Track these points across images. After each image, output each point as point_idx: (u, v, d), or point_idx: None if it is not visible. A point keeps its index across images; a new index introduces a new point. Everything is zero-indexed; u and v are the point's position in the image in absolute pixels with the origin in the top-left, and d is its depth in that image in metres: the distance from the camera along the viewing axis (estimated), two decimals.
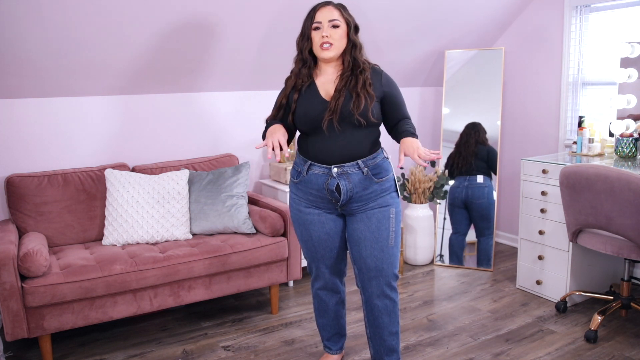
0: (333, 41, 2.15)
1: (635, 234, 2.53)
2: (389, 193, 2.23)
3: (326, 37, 2.14)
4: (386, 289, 2.26)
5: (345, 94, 2.13)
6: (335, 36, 2.15)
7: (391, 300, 2.27)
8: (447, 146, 3.99)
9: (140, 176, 3.02)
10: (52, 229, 2.89)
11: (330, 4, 2.19)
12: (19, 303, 2.39)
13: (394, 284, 2.27)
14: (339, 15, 2.17)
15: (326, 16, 2.15)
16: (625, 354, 2.63)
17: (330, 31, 2.15)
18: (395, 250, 2.24)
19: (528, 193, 3.28)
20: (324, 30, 2.14)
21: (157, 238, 2.93)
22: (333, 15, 2.15)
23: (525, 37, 3.98)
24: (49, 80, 2.91)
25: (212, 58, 3.20)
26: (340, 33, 2.16)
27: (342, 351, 2.59)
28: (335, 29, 2.15)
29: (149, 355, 2.68)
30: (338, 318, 2.50)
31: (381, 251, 2.22)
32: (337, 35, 2.15)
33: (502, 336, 2.83)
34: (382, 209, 2.21)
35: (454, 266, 3.87)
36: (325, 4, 2.19)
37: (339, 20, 2.16)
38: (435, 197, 3.83)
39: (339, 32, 2.16)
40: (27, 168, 3.02)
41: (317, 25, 2.16)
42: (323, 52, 2.16)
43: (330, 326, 2.51)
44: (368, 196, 2.20)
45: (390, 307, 2.28)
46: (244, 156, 3.66)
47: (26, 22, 2.51)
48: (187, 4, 2.77)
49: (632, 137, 3.10)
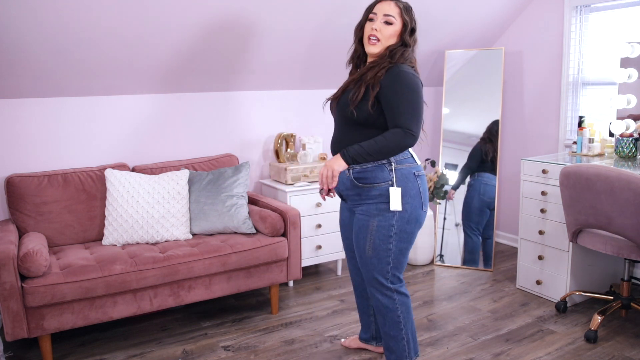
0: (381, 37, 2.11)
1: (635, 234, 2.53)
2: (377, 203, 2.14)
3: (375, 31, 2.11)
4: (372, 290, 2.26)
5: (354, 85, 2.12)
6: (385, 33, 2.11)
7: (380, 302, 2.25)
8: (447, 146, 3.99)
9: (140, 176, 3.02)
10: (52, 229, 2.89)
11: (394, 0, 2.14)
12: (19, 303, 2.39)
13: (379, 287, 2.23)
14: (398, 13, 2.12)
15: (383, 10, 2.12)
16: (625, 354, 2.63)
17: (381, 26, 2.11)
18: (374, 261, 2.18)
19: (528, 193, 3.28)
20: (376, 24, 2.11)
21: (157, 238, 2.93)
22: (390, 11, 2.11)
23: (525, 37, 3.98)
24: (49, 80, 2.91)
25: (213, 58, 3.20)
26: (391, 31, 2.11)
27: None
28: (387, 25, 2.11)
29: (149, 355, 2.68)
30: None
31: (360, 257, 2.24)
32: (387, 33, 2.11)
33: (502, 336, 2.83)
34: (364, 217, 2.17)
35: (454, 266, 3.87)
36: None
37: (395, 18, 2.11)
38: (435, 197, 3.83)
39: (391, 29, 2.11)
40: (27, 168, 3.02)
41: (372, 17, 2.14)
42: (369, 46, 2.14)
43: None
44: (354, 197, 2.20)
45: (382, 309, 2.27)
46: (244, 156, 3.66)
47: (26, 22, 2.51)
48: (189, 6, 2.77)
49: (632, 137, 3.10)
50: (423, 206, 2.18)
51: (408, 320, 2.29)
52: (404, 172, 2.13)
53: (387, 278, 2.21)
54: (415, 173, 2.16)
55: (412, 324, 2.32)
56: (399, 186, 2.11)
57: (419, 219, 2.18)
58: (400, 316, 2.27)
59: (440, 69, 4.19)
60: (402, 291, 2.26)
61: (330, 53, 3.50)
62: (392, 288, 2.23)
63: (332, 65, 3.54)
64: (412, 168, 2.16)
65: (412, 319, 2.33)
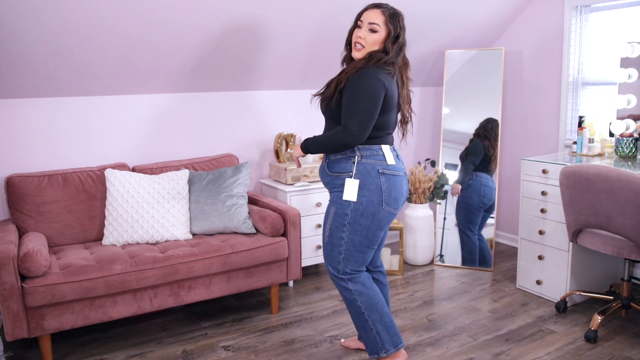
0: (365, 44, 2.22)
1: (635, 234, 2.53)
2: (338, 192, 2.28)
3: (359, 38, 2.23)
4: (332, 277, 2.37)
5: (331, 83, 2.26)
6: (369, 40, 2.21)
7: (340, 293, 2.38)
8: (447, 146, 4.00)
9: (140, 176, 3.02)
10: (52, 229, 2.89)
11: (381, 7, 2.22)
12: (19, 303, 2.39)
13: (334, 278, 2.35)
14: (383, 21, 2.20)
15: (368, 18, 2.22)
16: (625, 354, 2.63)
17: (366, 33, 2.21)
18: (329, 247, 2.32)
19: (528, 193, 3.28)
20: (361, 31, 2.22)
21: (157, 238, 2.93)
22: (375, 19, 2.20)
23: (525, 37, 3.98)
24: (49, 80, 2.91)
25: (213, 58, 3.20)
26: (375, 38, 2.21)
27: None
28: (372, 33, 2.21)
29: (149, 355, 2.68)
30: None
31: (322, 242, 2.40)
32: (371, 40, 2.21)
33: (502, 336, 2.83)
34: (329, 204, 2.35)
35: (454, 266, 3.87)
36: (376, 6, 2.24)
37: (379, 26, 2.20)
38: (435, 197, 3.83)
39: (375, 37, 2.21)
40: (27, 168, 3.02)
41: (360, 24, 2.25)
42: (354, 51, 2.26)
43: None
44: (328, 185, 2.35)
45: (344, 301, 2.39)
46: (244, 156, 3.66)
47: (27, 23, 2.51)
48: (189, 7, 2.77)
49: (632, 137, 3.10)
50: (384, 204, 2.23)
51: (373, 311, 2.33)
52: (367, 167, 2.23)
53: (338, 269, 2.31)
54: (379, 170, 2.23)
55: (380, 315, 2.35)
56: (358, 179, 2.22)
57: (376, 215, 2.24)
58: (362, 306, 2.33)
59: (440, 69, 4.19)
60: (358, 281, 2.33)
61: (330, 53, 3.49)
62: (344, 278, 2.32)
63: (332, 65, 3.53)
64: (378, 165, 2.24)
65: (382, 310, 2.35)
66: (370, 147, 2.24)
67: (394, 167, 2.27)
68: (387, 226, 2.33)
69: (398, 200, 2.27)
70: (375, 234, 2.28)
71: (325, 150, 2.27)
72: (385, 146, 2.27)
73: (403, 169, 2.34)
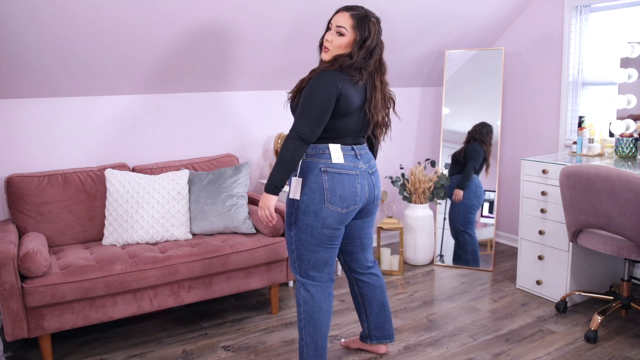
0: (331, 47, 2.22)
1: (635, 234, 2.53)
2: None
3: (327, 41, 2.23)
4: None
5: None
6: (335, 43, 2.21)
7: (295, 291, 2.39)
8: (447, 146, 4.00)
9: (140, 176, 3.02)
10: (52, 229, 2.89)
11: (350, 11, 2.21)
12: (19, 303, 2.39)
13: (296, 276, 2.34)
14: (351, 25, 2.18)
15: (337, 21, 2.21)
16: (625, 354, 2.63)
17: (333, 37, 2.21)
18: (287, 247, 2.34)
19: (528, 193, 3.28)
20: (328, 34, 2.23)
21: (157, 238, 2.93)
22: (343, 23, 2.19)
23: (525, 37, 3.98)
24: (49, 80, 2.91)
25: (213, 58, 3.20)
26: (341, 42, 2.20)
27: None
28: (339, 36, 2.20)
29: (149, 355, 2.68)
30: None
31: None
32: (337, 43, 2.20)
33: (502, 336, 2.83)
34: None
35: (453, 266, 3.87)
36: (346, 9, 2.23)
37: (346, 30, 2.18)
38: (435, 197, 3.83)
39: (341, 40, 2.20)
40: (27, 168, 3.02)
41: (329, 26, 2.25)
42: (322, 53, 2.27)
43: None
44: None
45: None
46: (244, 156, 3.66)
47: (26, 22, 2.51)
48: (191, 9, 2.77)
49: (632, 137, 3.10)
50: (327, 202, 2.19)
51: (309, 324, 2.28)
52: (309, 165, 2.22)
53: (295, 269, 2.32)
54: (322, 168, 2.20)
55: (314, 330, 2.28)
56: (301, 177, 2.22)
57: (319, 214, 2.20)
58: (302, 314, 2.30)
59: (440, 69, 4.19)
60: (309, 289, 2.28)
61: None
62: (300, 280, 2.31)
63: None
64: (321, 163, 2.20)
65: (319, 328, 2.29)
66: (317, 146, 2.22)
67: (340, 166, 2.21)
68: (336, 225, 2.23)
69: (346, 198, 2.21)
70: (322, 232, 2.22)
71: (286, 168, 2.16)
72: (333, 145, 2.22)
73: (361, 168, 2.26)
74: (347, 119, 2.22)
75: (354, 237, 2.44)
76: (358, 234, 2.44)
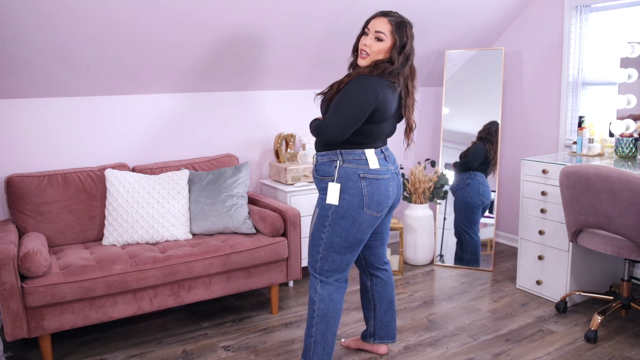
0: (370, 52, 2.22)
1: (635, 234, 2.53)
2: (323, 195, 2.29)
3: (365, 46, 2.23)
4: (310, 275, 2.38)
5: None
6: (374, 48, 2.21)
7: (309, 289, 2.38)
8: (447, 146, 4.00)
9: (140, 176, 3.02)
10: (52, 229, 2.89)
11: (388, 16, 2.21)
12: (19, 303, 2.39)
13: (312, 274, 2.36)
14: (389, 30, 2.19)
15: (375, 26, 2.21)
16: (625, 354, 2.63)
17: (371, 42, 2.21)
18: (310, 246, 2.35)
19: (528, 193, 3.28)
20: (367, 39, 2.22)
21: (157, 238, 2.93)
22: (381, 28, 2.19)
23: (525, 37, 3.98)
24: (49, 80, 2.91)
25: (213, 59, 3.20)
26: (380, 47, 2.20)
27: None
28: (378, 41, 2.20)
29: (149, 355, 2.68)
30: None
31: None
32: (376, 48, 2.21)
33: (502, 336, 2.83)
34: (316, 204, 2.35)
35: (454, 266, 3.87)
36: (383, 14, 2.23)
37: (385, 35, 2.19)
38: (435, 197, 3.83)
39: (380, 46, 2.20)
40: (27, 168, 3.02)
41: (366, 32, 2.24)
42: (358, 58, 2.27)
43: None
44: (317, 187, 2.35)
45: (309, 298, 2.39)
46: (244, 156, 3.66)
47: (27, 22, 2.51)
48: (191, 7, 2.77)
49: (632, 137, 3.10)
50: (365, 207, 2.23)
51: (322, 322, 2.31)
52: (348, 171, 2.22)
53: (315, 268, 2.33)
54: (360, 174, 2.22)
55: (326, 329, 2.32)
56: (339, 183, 2.23)
57: (357, 218, 2.24)
58: (315, 312, 2.32)
59: (440, 69, 4.19)
60: (327, 288, 2.32)
61: (331, 54, 3.50)
62: (318, 278, 2.32)
63: (333, 66, 3.54)
64: (360, 169, 2.23)
65: (331, 327, 2.33)
66: (353, 152, 2.23)
67: (377, 171, 2.24)
68: (369, 229, 2.30)
69: (381, 203, 2.26)
70: (356, 236, 2.27)
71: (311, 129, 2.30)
72: (369, 150, 2.25)
73: (391, 170, 2.31)
74: (384, 124, 2.26)
75: (377, 231, 2.48)
76: (380, 228, 2.48)
